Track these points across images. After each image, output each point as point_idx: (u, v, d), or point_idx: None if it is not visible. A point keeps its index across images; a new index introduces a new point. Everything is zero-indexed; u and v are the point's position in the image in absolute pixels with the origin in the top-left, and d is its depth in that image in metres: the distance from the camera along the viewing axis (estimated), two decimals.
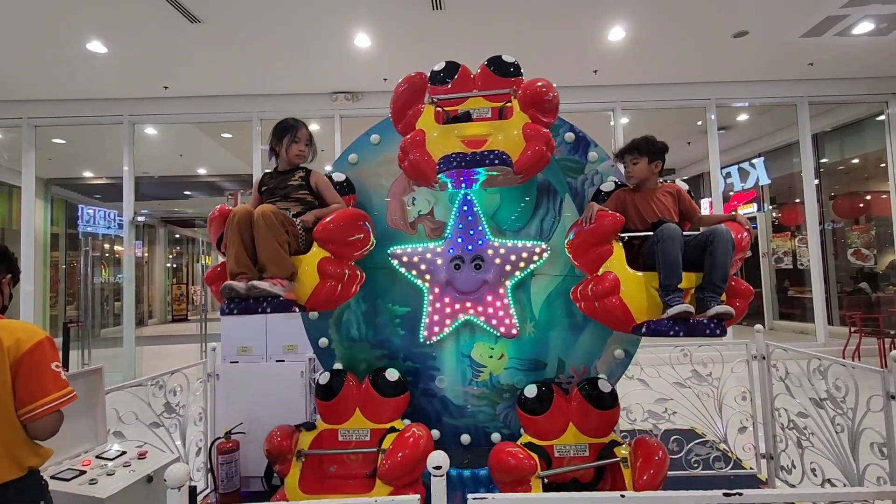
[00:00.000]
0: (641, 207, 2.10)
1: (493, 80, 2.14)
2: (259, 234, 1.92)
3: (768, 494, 1.12)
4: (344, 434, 2.16)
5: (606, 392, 2.12)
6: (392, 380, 2.20)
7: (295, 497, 1.99)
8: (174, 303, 15.13)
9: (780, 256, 8.84)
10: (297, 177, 2.24)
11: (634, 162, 2.11)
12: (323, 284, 1.98)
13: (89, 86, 6.14)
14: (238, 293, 1.85)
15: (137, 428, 2.56)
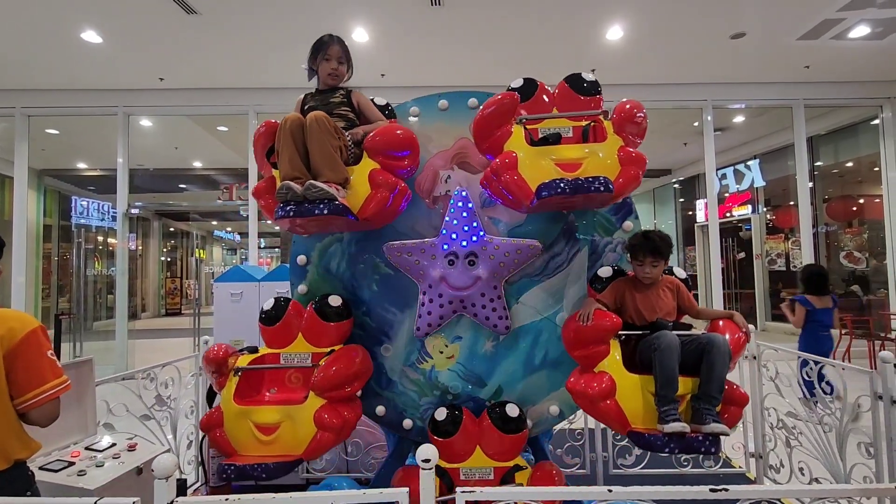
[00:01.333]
0: (641, 303, 2.04)
1: (573, 98, 2.12)
2: (313, 138, 1.90)
3: (754, 490, 1.12)
4: (286, 358, 2.15)
5: (514, 416, 2.12)
6: (335, 305, 2.19)
7: (229, 408, 1.99)
8: (168, 296, 15.07)
9: (773, 258, 8.90)
10: (339, 94, 2.22)
11: (654, 265, 2.03)
12: (374, 195, 1.96)
13: (84, 76, 6.09)
14: (295, 193, 1.84)
15: (128, 420, 2.55)
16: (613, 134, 1.99)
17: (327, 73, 2.24)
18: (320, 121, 1.92)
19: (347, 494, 1.11)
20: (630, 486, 1.09)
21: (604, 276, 2.20)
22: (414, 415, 2.37)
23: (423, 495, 1.10)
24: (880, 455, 2.06)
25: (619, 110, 2.01)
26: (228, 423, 2.01)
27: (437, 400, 2.35)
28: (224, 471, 1.93)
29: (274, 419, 1.98)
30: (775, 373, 2.74)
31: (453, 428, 2.11)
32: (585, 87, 2.17)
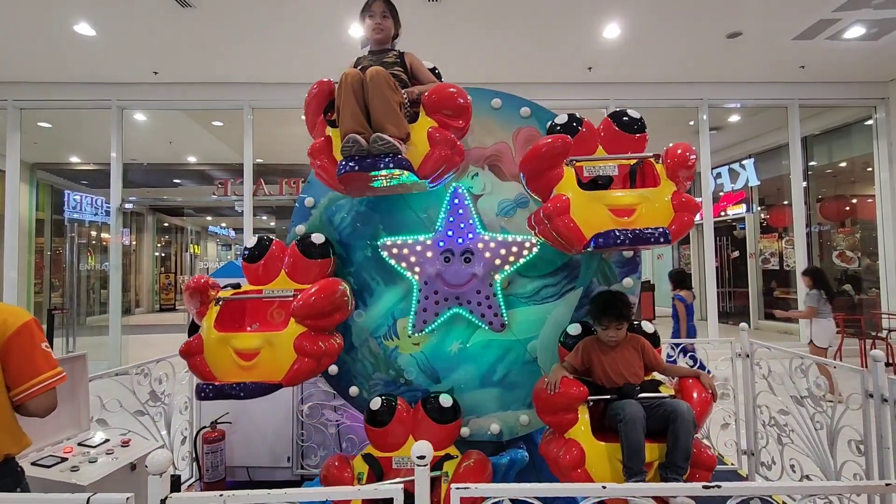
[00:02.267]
0: (608, 365, 2.04)
1: (618, 136, 2.10)
2: (375, 92, 1.86)
3: (745, 487, 1.13)
4: (268, 293, 2.16)
5: (447, 406, 2.15)
6: (318, 243, 2.21)
7: (209, 336, 2.00)
8: (162, 292, 14.98)
9: (766, 257, 8.97)
10: (392, 55, 2.19)
11: (618, 328, 2.04)
12: (434, 152, 1.94)
13: (77, 69, 6.02)
14: (361, 147, 1.81)
15: (122, 416, 2.54)
16: (666, 179, 1.94)
17: (371, 29, 2.22)
18: (382, 75, 1.90)
19: (342, 490, 1.12)
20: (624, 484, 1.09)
21: (573, 334, 2.20)
22: (363, 385, 2.40)
23: (417, 492, 1.10)
24: (870, 452, 2.09)
25: (671, 155, 1.97)
26: (208, 349, 2.01)
27: (389, 379, 2.37)
28: (202, 390, 1.94)
29: (254, 345, 1.99)
30: (768, 371, 2.77)
31: (388, 417, 2.14)
32: (630, 125, 2.13)
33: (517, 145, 2.38)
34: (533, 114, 2.40)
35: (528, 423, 2.33)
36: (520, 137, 2.39)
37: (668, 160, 1.97)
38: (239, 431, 2.94)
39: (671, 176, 1.95)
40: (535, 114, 2.40)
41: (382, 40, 2.24)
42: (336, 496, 1.10)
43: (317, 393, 2.93)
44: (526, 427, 2.34)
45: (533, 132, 2.38)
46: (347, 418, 2.86)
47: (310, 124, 2.14)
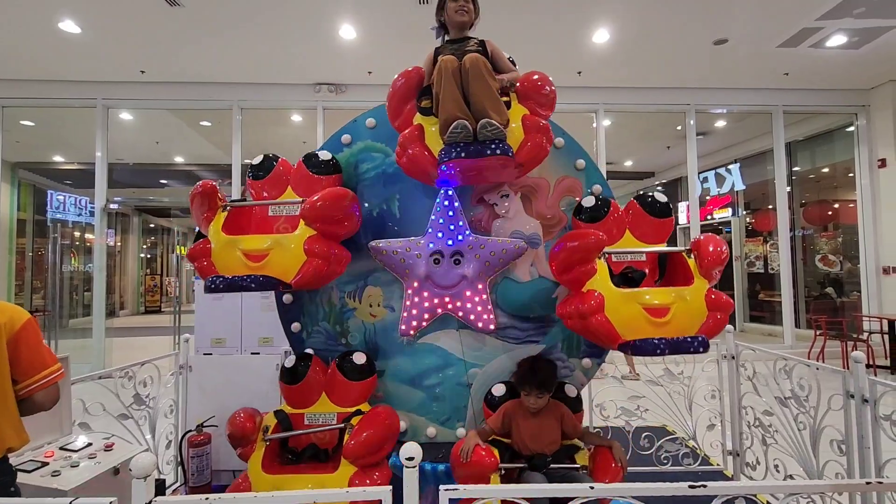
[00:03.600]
0: (525, 431, 2.06)
1: (645, 220, 2.12)
2: (476, 79, 1.85)
3: (730, 486, 1.15)
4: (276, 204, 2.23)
5: (360, 363, 2.18)
6: (325, 158, 2.26)
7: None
8: (147, 294, 14.76)
9: (752, 261, 9.10)
10: (473, 43, 2.15)
11: (539, 396, 2.04)
12: (530, 138, 1.92)
13: (61, 67, 5.93)
14: (469, 132, 1.79)
15: (105, 420, 2.49)
16: (700, 277, 1.93)
17: (455, 11, 2.17)
18: (481, 61, 1.88)
19: (330, 493, 1.11)
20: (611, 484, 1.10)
21: (497, 394, 2.21)
22: (307, 325, 2.42)
23: (406, 493, 1.10)
24: (851, 452, 2.13)
25: (705, 253, 1.94)
26: (216, 252, 2.02)
27: (332, 333, 2.39)
28: (212, 282, 1.94)
29: (263, 245, 2.00)
30: (753, 372, 2.81)
31: (301, 374, 2.17)
32: (657, 208, 2.13)
33: (556, 189, 2.38)
34: (586, 168, 2.39)
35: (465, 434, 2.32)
36: (563, 184, 2.38)
37: (704, 259, 1.94)
38: (225, 435, 2.90)
39: (704, 273, 1.93)
40: (587, 169, 2.40)
41: (465, 24, 2.19)
42: (322, 499, 1.09)
43: None
44: None
45: (577, 186, 2.38)
46: None
47: (395, 112, 2.11)
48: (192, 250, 2.10)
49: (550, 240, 2.35)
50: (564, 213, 2.36)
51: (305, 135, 7.05)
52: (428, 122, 1.99)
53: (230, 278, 1.96)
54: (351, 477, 1.96)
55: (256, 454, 2.06)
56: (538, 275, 2.36)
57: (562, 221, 2.37)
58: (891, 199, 6.68)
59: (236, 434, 2.09)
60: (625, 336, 1.84)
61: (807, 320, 7.59)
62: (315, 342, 2.40)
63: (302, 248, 2.00)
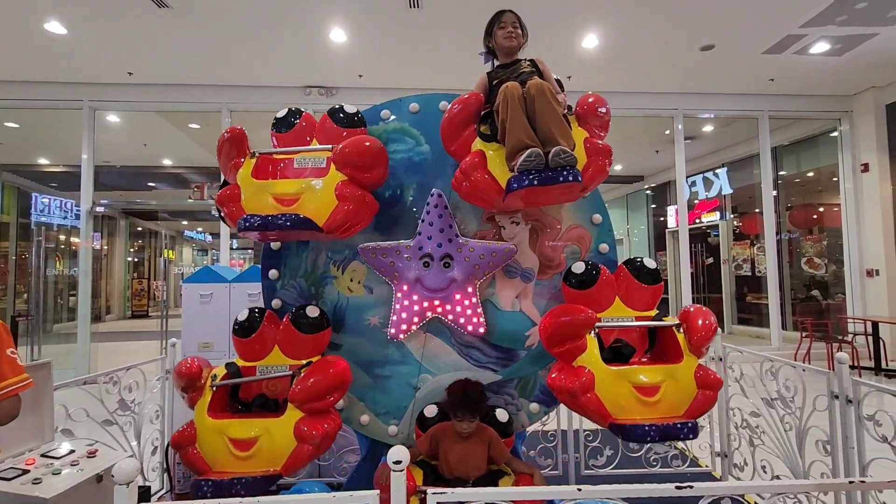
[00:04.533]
0: (451, 455, 2.06)
1: (635, 286, 2.11)
2: (543, 105, 1.86)
3: (717, 487, 1.16)
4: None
5: (313, 317, 2.17)
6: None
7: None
8: (134, 298, 14.56)
9: (739, 264, 9.21)
10: (526, 64, 2.15)
11: (471, 421, 2.06)
12: (593, 162, 1.92)
13: (47, 68, 5.84)
14: (542, 159, 1.78)
15: (89, 426, 2.45)
16: (689, 354, 1.93)
17: (504, 37, 2.18)
18: (547, 88, 1.88)
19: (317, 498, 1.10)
20: (599, 486, 1.11)
21: (429, 416, 2.22)
22: (285, 276, 2.40)
23: (393, 496, 1.09)
24: (836, 452, 2.15)
25: (695, 329, 1.94)
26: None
27: (306, 293, 2.38)
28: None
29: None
30: (740, 374, 2.84)
31: (254, 327, 2.15)
32: (648, 276, 2.13)
33: (566, 234, 2.39)
34: (601, 224, 2.39)
35: (395, 433, 2.34)
36: (573, 233, 2.39)
37: (693, 335, 1.93)
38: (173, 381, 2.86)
39: (694, 350, 1.93)
40: (601, 225, 2.40)
41: (514, 48, 2.21)
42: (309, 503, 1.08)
43: None
44: (393, 438, 2.34)
45: (586, 239, 2.38)
46: None
47: (451, 137, 2.08)
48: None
49: (543, 279, 2.36)
50: (565, 260, 2.37)
51: None
52: (488, 148, 1.98)
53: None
54: (297, 422, 1.94)
55: (203, 399, 2.03)
56: (519, 308, 2.37)
57: (560, 266, 2.36)
58: (873, 202, 6.80)
59: (183, 377, 2.04)
60: (615, 415, 1.85)
61: (793, 322, 7.69)
62: (286, 295, 2.38)
63: (333, 193, 1.99)
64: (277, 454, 1.93)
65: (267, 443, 1.94)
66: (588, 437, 3.11)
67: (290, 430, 1.94)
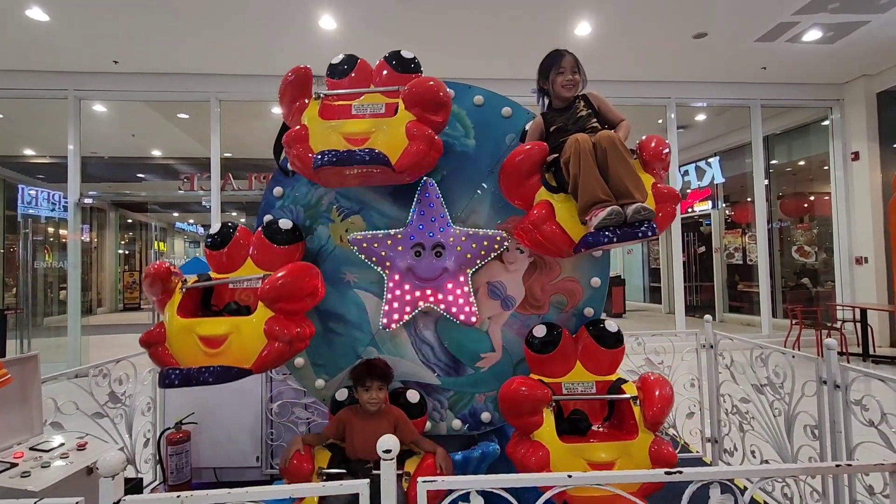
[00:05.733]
0: (358, 434, 2.06)
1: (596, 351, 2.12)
2: (617, 159, 1.84)
3: (705, 472, 1.17)
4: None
5: (286, 228, 2.18)
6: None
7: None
8: (126, 290, 14.44)
9: (731, 252, 9.28)
10: (582, 106, 2.12)
11: (381, 388, 2.08)
12: (663, 208, 1.91)
13: (29, 56, 5.72)
14: (622, 217, 1.76)
15: (80, 419, 2.43)
16: (644, 430, 1.92)
17: (562, 85, 2.13)
18: (617, 139, 1.87)
19: (307, 487, 1.09)
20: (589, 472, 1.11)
21: (339, 399, 2.23)
22: (287, 198, 2.39)
23: (384, 485, 1.09)
24: (824, 436, 2.18)
25: (651, 402, 1.93)
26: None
27: (299, 220, 2.36)
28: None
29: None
30: (730, 361, 2.86)
31: (226, 240, 2.14)
32: (609, 340, 2.13)
33: (560, 283, 2.38)
34: (597, 289, 2.38)
35: (322, 387, 2.37)
36: (567, 284, 2.38)
37: (649, 410, 1.93)
38: (205, 432, 2.86)
39: (650, 426, 1.92)
40: (597, 290, 2.38)
41: (571, 98, 2.16)
42: (300, 493, 1.07)
43: (287, 391, 2.88)
44: (318, 391, 2.37)
45: (577, 295, 2.37)
46: (318, 416, 2.81)
47: (514, 185, 2.05)
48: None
49: (520, 314, 2.36)
50: (548, 305, 2.37)
51: None
52: (555, 199, 1.95)
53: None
54: (268, 320, 1.92)
55: (173, 300, 2.01)
56: (486, 329, 2.37)
57: (541, 309, 2.36)
58: (863, 191, 6.86)
59: (152, 277, 2.02)
60: (570, 492, 1.79)
61: (784, 310, 7.77)
62: (280, 216, 2.36)
63: (403, 132, 1.95)
64: (247, 352, 1.90)
65: (237, 340, 1.91)
66: None
67: (261, 329, 1.91)
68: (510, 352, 2.36)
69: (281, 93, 2.14)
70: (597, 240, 1.80)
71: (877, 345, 6.23)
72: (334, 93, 2.12)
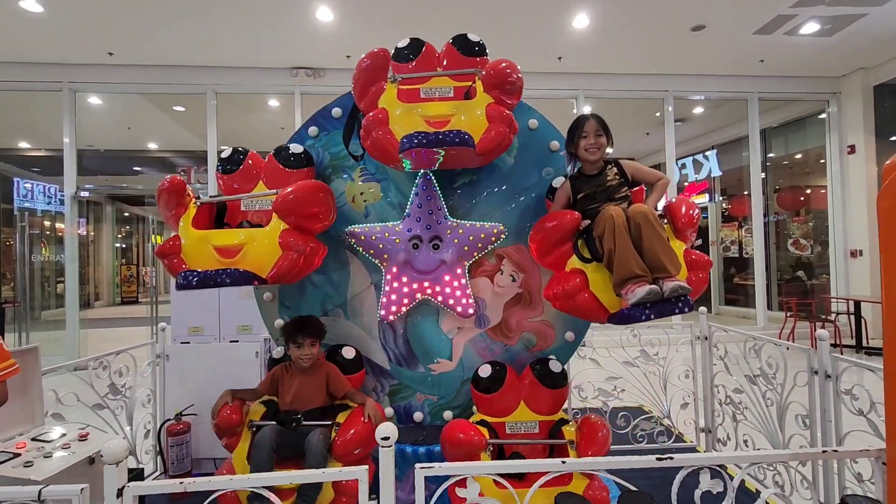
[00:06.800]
0: (290, 388, 2.15)
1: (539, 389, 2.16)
2: (651, 234, 1.86)
3: (695, 458, 1.19)
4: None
5: (297, 152, 2.21)
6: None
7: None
8: (123, 284, 14.43)
9: (727, 245, 9.32)
10: (613, 174, 2.13)
11: (312, 345, 2.16)
12: (692, 277, 1.96)
13: (23, 48, 5.67)
14: (660, 296, 1.78)
15: (80, 411, 2.45)
16: (579, 476, 1.83)
17: (585, 149, 2.14)
18: (651, 214, 1.89)
19: (306, 473, 1.12)
20: (582, 458, 1.13)
21: (276, 357, 2.28)
22: (320, 141, 2.41)
23: (382, 472, 1.12)
24: (815, 425, 2.22)
25: (584, 444, 1.96)
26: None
27: (321, 164, 2.39)
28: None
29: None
30: (724, 352, 2.90)
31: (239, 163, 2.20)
32: (552, 379, 2.18)
33: (535, 324, 2.42)
34: (571, 342, 2.44)
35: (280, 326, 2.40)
36: (538, 326, 2.42)
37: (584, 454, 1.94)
38: (205, 423, 2.87)
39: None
40: (570, 344, 2.44)
41: (597, 162, 2.16)
42: (299, 479, 1.10)
43: None
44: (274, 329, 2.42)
45: (547, 337, 2.43)
46: None
47: (546, 252, 2.07)
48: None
49: (488, 337, 2.42)
50: (517, 341, 2.41)
51: (283, 120, 6.92)
52: (587, 268, 1.97)
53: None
54: (282, 231, 1.97)
55: (188, 213, 2.07)
56: (452, 337, 2.41)
57: (509, 341, 2.41)
58: (859, 184, 6.89)
59: (168, 192, 2.06)
60: None
61: (779, 303, 7.83)
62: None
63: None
64: (262, 262, 1.94)
65: (252, 250, 1.95)
66: (576, 416, 3.17)
67: (275, 240, 1.95)
68: (464, 367, 2.40)
69: (356, 78, 2.12)
70: (635, 316, 1.82)
71: (870, 336, 6.29)
72: (413, 75, 2.09)
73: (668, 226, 2.03)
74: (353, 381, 2.21)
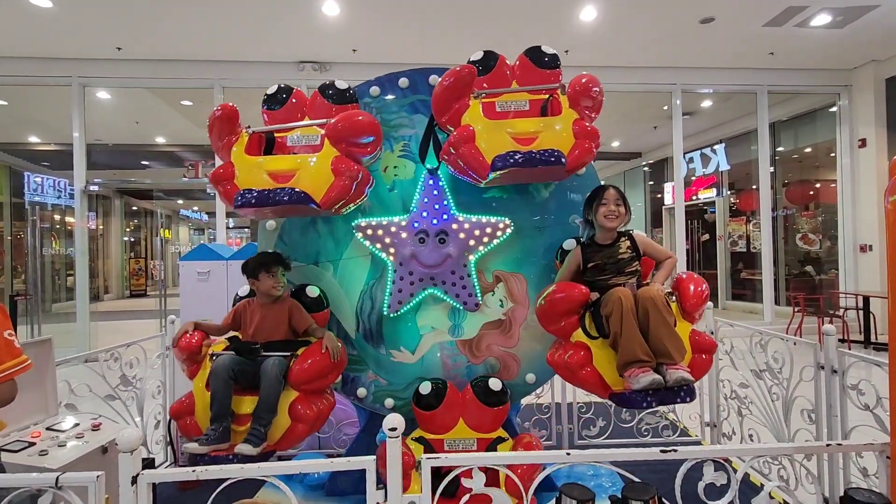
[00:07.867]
0: (251, 321, 2.18)
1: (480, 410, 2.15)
2: (658, 319, 1.87)
3: (699, 451, 1.20)
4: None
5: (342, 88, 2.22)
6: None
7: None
8: (132, 277, 14.58)
9: (735, 240, 9.25)
10: (626, 247, 2.14)
11: (283, 274, 2.21)
12: (696, 359, 1.97)
13: (33, 43, 5.71)
14: (663, 385, 1.78)
15: (92, 402, 2.50)
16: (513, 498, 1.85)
17: (604, 216, 2.13)
18: (660, 300, 1.90)
19: (315, 463, 1.14)
20: (587, 450, 1.15)
21: (241, 294, 2.31)
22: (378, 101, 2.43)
23: (389, 463, 1.13)
24: (820, 420, 2.22)
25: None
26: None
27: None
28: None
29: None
30: (730, 346, 2.90)
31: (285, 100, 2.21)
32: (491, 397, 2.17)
33: (504, 353, 2.42)
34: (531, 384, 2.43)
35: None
36: (507, 358, 2.41)
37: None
38: None
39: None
40: (530, 385, 2.44)
41: (615, 229, 2.16)
42: (309, 469, 1.12)
43: None
44: None
45: (511, 372, 2.41)
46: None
47: (553, 321, 2.07)
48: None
49: (457, 347, 2.42)
50: (482, 361, 2.40)
51: None
52: (592, 344, 1.98)
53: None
54: (335, 158, 2.01)
55: (240, 142, 2.11)
56: (424, 332, 2.41)
57: (476, 358, 2.41)
58: (869, 178, 6.80)
59: (220, 120, 2.11)
60: None
61: (787, 298, 7.78)
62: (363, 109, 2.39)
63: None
64: (315, 186, 1.98)
65: (305, 175, 2.00)
66: (581, 409, 3.19)
67: (328, 165, 2.00)
68: (423, 364, 2.41)
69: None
70: (636, 401, 1.83)
71: (879, 332, 6.25)
72: (492, 91, 2.10)
73: (675, 304, 2.02)
74: (316, 319, 2.25)
